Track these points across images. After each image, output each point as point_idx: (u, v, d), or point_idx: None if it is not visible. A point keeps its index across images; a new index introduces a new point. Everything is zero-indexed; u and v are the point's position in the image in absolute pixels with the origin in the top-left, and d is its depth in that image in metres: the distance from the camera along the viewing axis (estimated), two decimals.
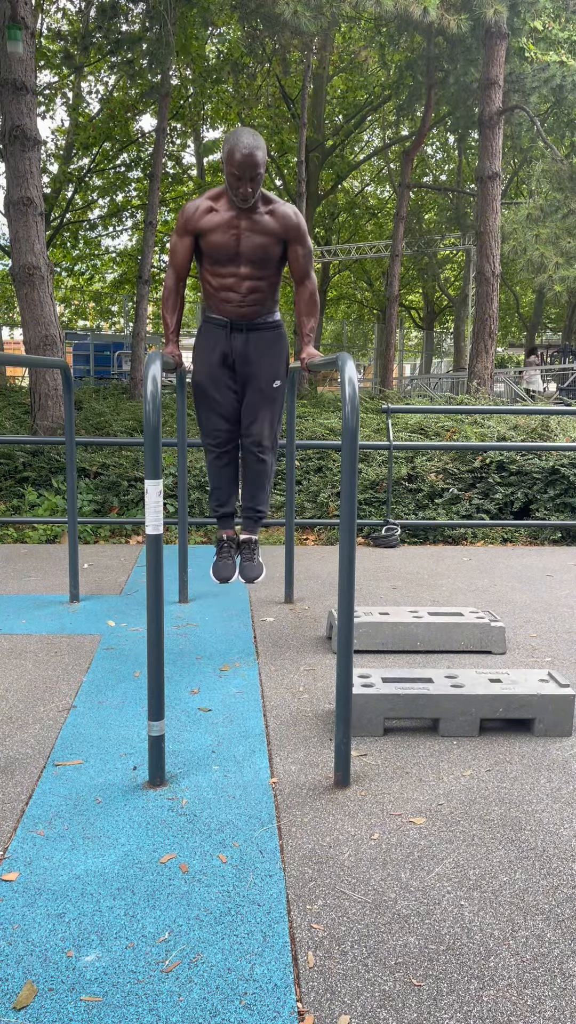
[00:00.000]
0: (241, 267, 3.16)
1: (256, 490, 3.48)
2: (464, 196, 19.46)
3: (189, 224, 3.12)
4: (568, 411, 5.72)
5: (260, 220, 3.11)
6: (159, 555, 2.25)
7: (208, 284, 3.22)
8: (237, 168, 2.89)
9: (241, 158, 2.88)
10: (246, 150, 2.88)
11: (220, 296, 3.21)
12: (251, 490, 3.48)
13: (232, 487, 3.49)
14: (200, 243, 3.15)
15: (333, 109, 20.96)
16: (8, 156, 7.29)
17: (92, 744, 2.59)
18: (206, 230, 3.10)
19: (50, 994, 1.54)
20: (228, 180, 2.97)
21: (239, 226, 3.09)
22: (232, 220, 3.08)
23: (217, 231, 3.08)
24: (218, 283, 3.19)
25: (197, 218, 3.10)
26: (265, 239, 3.12)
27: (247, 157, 2.88)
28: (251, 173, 2.92)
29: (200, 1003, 1.52)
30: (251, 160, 2.89)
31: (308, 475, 6.94)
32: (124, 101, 17.56)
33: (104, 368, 21.43)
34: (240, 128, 2.93)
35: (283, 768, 2.44)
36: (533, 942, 1.70)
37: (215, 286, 3.20)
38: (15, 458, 6.91)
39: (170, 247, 3.21)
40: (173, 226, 23.34)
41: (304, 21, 9.74)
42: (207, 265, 3.19)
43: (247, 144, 2.89)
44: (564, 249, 11.33)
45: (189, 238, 3.15)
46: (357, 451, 2.25)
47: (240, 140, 2.89)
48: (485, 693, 2.68)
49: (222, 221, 3.08)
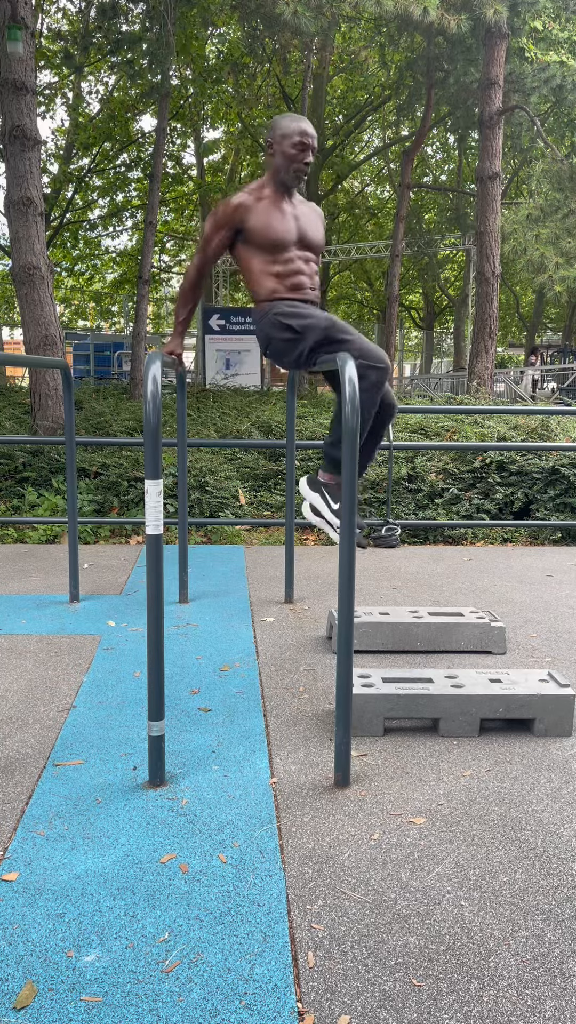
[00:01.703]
0: (305, 251, 3.16)
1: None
2: (464, 196, 19.46)
3: (236, 215, 3.06)
4: (568, 411, 5.73)
5: (301, 206, 3.18)
6: (159, 555, 2.25)
7: (271, 273, 3.12)
8: (302, 136, 3.01)
9: (302, 125, 3.02)
10: (301, 121, 3.04)
11: (293, 281, 3.13)
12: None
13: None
14: (250, 236, 3.09)
15: (333, 109, 20.97)
16: (8, 156, 7.29)
17: (92, 744, 2.59)
18: (260, 218, 3.06)
19: (50, 994, 1.54)
20: (285, 157, 3.04)
21: (292, 211, 3.12)
22: (285, 206, 3.11)
23: (274, 218, 3.07)
24: (284, 269, 3.12)
25: (246, 208, 3.06)
26: (318, 228, 3.20)
27: (304, 124, 3.03)
28: (312, 141, 3.04)
29: (200, 1003, 1.52)
30: (310, 129, 3.05)
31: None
32: (124, 101, 17.57)
33: (104, 368, 21.44)
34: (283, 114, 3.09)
35: (283, 768, 2.44)
36: (533, 942, 1.70)
37: (283, 272, 3.12)
38: (15, 458, 6.91)
39: (204, 239, 3.13)
40: (174, 226, 23.22)
41: (304, 21, 9.74)
42: (262, 255, 3.11)
43: (299, 117, 3.07)
44: (564, 249, 11.33)
45: (229, 232, 3.10)
46: (357, 451, 2.25)
47: (292, 116, 3.05)
48: (485, 693, 2.68)
49: (275, 207, 3.08)
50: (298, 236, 3.13)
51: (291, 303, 3.11)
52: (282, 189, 3.12)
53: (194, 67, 16.04)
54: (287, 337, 3.08)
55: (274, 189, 3.12)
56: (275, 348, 3.15)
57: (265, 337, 3.17)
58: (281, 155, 3.05)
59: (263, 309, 3.14)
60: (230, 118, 19.93)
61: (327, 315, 3.07)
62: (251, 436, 7.90)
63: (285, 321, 3.06)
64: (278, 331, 3.10)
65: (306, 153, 3.05)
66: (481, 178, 11.74)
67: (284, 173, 3.08)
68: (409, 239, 19.99)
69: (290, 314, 3.07)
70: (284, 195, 3.13)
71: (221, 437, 7.79)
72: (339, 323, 3.05)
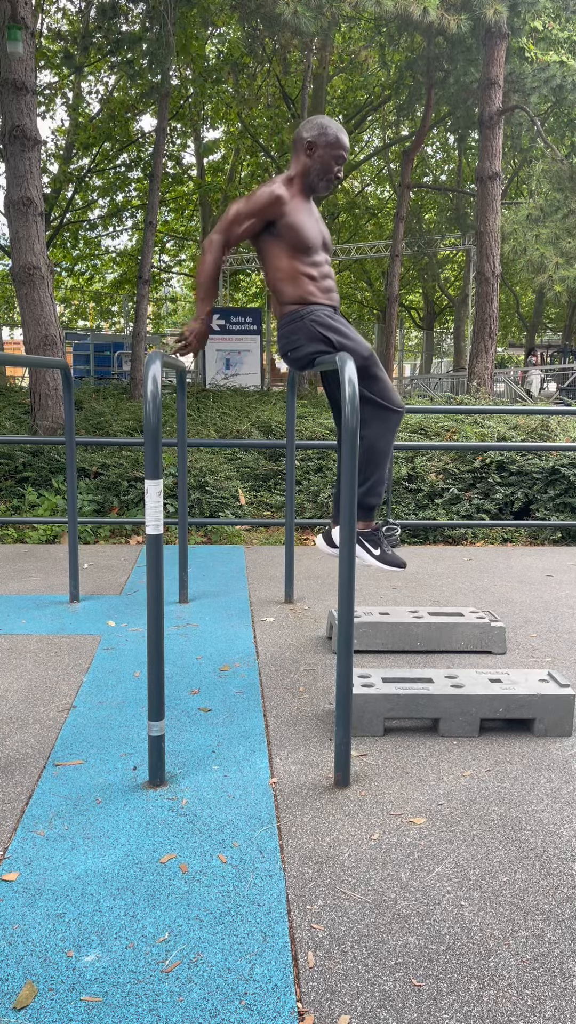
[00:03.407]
0: (327, 254, 3.12)
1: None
2: (464, 196, 19.46)
3: (274, 208, 2.93)
4: (568, 411, 5.72)
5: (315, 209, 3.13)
6: (159, 555, 2.25)
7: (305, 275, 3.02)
8: (345, 151, 2.99)
9: (346, 140, 2.99)
10: (343, 132, 2.99)
11: (324, 284, 3.06)
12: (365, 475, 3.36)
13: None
14: (283, 232, 2.97)
15: (333, 109, 20.96)
16: (8, 156, 7.29)
17: (92, 744, 2.59)
18: (296, 216, 2.97)
19: (50, 994, 1.54)
20: (323, 164, 2.98)
21: (315, 213, 3.07)
22: (311, 206, 3.06)
23: (308, 217, 3.00)
24: (318, 272, 3.05)
25: (283, 202, 2.94)
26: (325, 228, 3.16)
27: (346, 139, 3.01)
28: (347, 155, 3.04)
29: (200, 1003, 1.52)
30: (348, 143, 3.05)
31: (308, 475, 6.94)
32: (124, 101, 17.57)
33: (104, 368, 21.44)
34: (320, 116, 3.01)
35: (283, 768, 2.44)
36: (533, 942, 1.70)
37: (317, 275, 3.05)
38: (15, 458, 6.91)
39: (233, 216, 2.94)
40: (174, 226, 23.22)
41: (304, 21, 9.74)
42: (295, 255, 3.01)
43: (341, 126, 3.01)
44: (564, 249, 11.33)
45: (260, 222, 2.96)
46: (357, 451, 2.25)
47: (338, 124, 3.00)
48: (485, 693, 2.68)
49: (305, 207, 3.01)
50: (323, 240, 3.08)
51: (327, 312, 3.00)
52: (308, 191, 3.05)
53: (194, 67, 16.05)
54: (319, 349, 2.97)
55: (301, 188, 3.03)
56: (299, 354, 3.04)
57: (291, 340, 3.03)
58: (320, 161, 2.97)
59: (296, 311, 3.01)
60: (230, 118, 19.93)
61: (367, 344, 3.01)
62: (251, 436, 7.90)
63: (323, 332, 2.95)
64: (310, 340, 2.98)
65: (340, 165, 3.02)
66: (481, 178, 11.75)
67: (316, 178, 3.00)
68: (409, 239, 19.99)
69: (329, 327, 2.95)
70: (308, 196, 3.06)
71: (221, 437, 7.79)
72: (375, 356, 3.00)
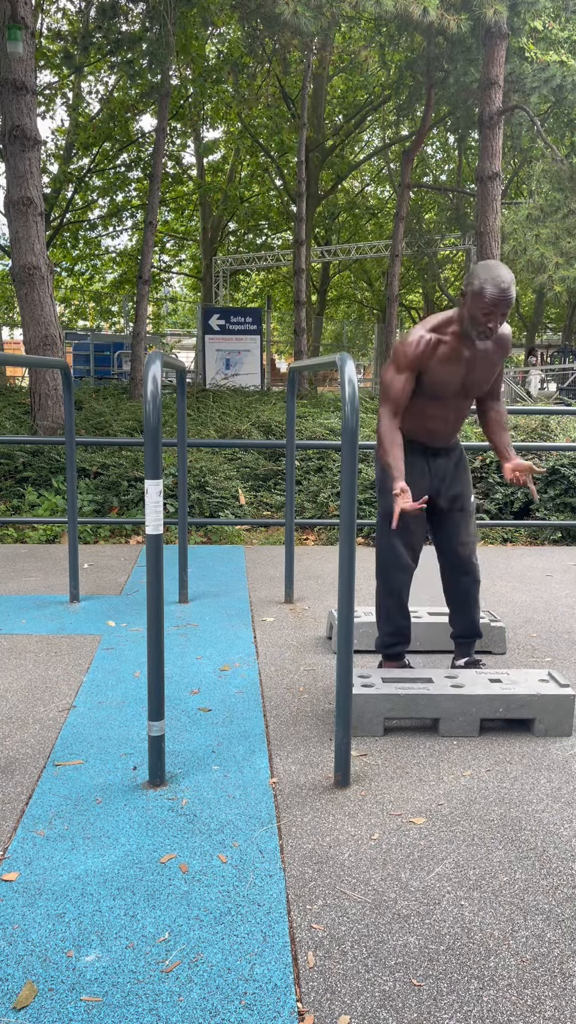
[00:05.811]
0: (463, 399, 2.96)
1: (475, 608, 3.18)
2: (464, 196, 19.46)
3: (417, 361, 2.84)
4: (568, 411, 5.72)
5: (486, 348, 2.90)
6: (159, 555, 2.25)
7: (420, 415, 2.96)
8: (492, 305, 2.67)
9: (499, 294, 2.66)
10: (504, 285, 2.66)
11: (429, 427, 2.97)
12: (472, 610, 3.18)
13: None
14: (422, 378, 2.88)
15: (333, 109, 20.97)
16: (8, 156, 7.29)
17: (92, 744, 2.59)
18: (435, 366, 2.85)
19: (50, 994, 1.54)
20: (474, 315, 2.72)
21: (468, 359, 2.87)
22: (462, 354, 2.85)
23: (448, 366, 2.85)
24: (433, 413, 2.95)
25: (427, 354, 2.83)
26: (491, 371, 2.95)
27: (504, 293, 2.66)
28: (504, 310, 2.70)
29: (200, 1003, 1.52)
30: (507, 297, 2.67)
31: (308, 475, 6.94)
32: (124, 101, 17.57)
33: (104, 368, 21.42)
34: (491, 262, 2.72)
35: (283, 768, 2.44)
36: (533, 942, 1.70)
37: (429, 415, 2.95)
38: (15, 458, 6.91)
39: (385, 382, 2.89)
40: (174, 226, 23.20)
41: (304, 21, 9.74)
42: (425, 399, 2.92)
43: (506, 279, 2.67)
44: (564, 249, 11.33)
45: (411, 374, 2.86)
46: (357, 451, 2.25)
47: (498, 274, 2.67)
48: (485, 693, 2.68)
49: (452, 355, 2.85)
50: (461, 386, 2.92)
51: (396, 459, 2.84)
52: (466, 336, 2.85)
53: (194, 67, 16.04)
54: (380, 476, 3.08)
55: (458, 332, 2.85)
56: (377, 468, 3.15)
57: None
58: (469, 311, 2.75)
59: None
60: (230, 118, 19.93)
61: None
62: (251, 436, 7.90)
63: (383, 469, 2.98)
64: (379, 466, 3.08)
65: (491, 319, 2.72)
66: (481, 178, 11.74)
67: (470, 327, 2.78)
68: (409, 239, 19.98)
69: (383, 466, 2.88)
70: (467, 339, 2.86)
71: (221, 437, 7.79)
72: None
